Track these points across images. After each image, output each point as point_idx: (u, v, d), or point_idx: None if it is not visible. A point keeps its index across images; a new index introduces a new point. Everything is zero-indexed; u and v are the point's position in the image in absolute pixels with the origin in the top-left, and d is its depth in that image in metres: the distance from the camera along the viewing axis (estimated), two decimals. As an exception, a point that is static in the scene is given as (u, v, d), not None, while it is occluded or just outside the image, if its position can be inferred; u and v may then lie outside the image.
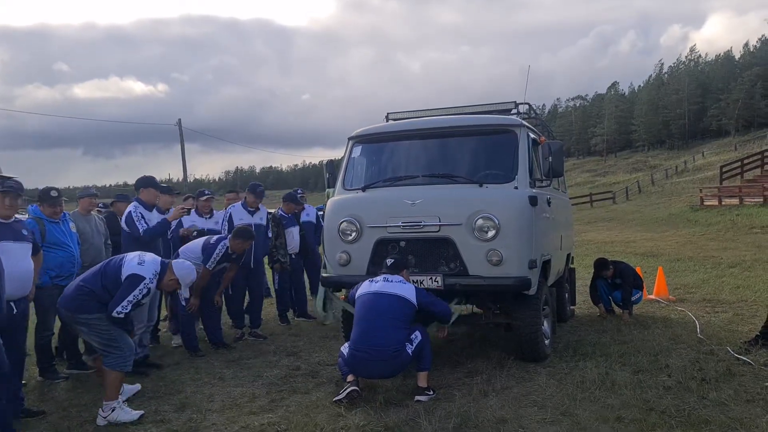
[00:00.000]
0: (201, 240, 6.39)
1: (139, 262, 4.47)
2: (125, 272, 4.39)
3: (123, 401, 4.41)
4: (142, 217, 5.76)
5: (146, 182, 5.97)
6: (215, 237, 6.41)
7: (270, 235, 7.51)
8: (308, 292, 8.52)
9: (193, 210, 7.17)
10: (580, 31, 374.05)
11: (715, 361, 5.27)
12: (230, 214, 7.17)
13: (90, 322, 4.33)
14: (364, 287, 4.87)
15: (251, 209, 7.25)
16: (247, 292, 7.25)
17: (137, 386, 4.97)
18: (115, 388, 4.37)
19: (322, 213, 7.45)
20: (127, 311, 4.33)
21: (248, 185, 7.48)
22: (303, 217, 8.34)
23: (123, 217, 5.92)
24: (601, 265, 7.66)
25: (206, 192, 7.51)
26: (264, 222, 7.31)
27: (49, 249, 5.32)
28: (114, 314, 4.28)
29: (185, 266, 4.74)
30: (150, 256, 4.58)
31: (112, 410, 4.30)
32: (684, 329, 6.62)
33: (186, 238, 6.73)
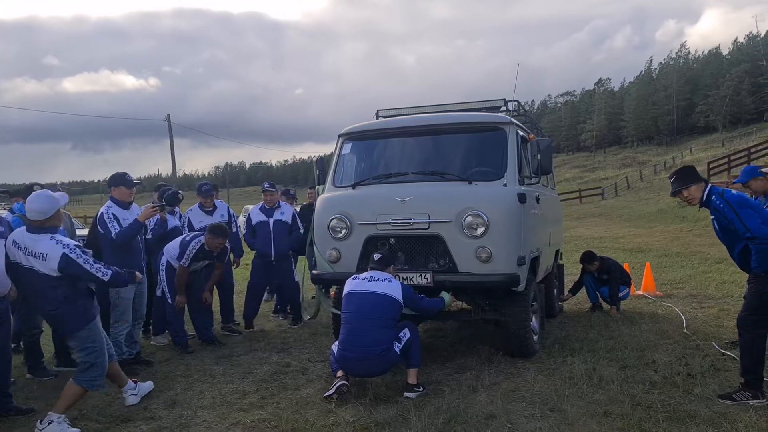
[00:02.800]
0: (181, 237, 6.41)
1: (53, 241, 4.02)
2: (56, 256, 3.95)
3: (66, 419, 4.04)
4: (115, 218, 5.38)
5: (115, 180, 5.59)
6: (192, 234, 6.40)
7: (234, 230, 7.45)
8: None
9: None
10: (576, 26, 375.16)
11: (700, 357, 5.35)
12: (188, 219, 7.11)
13: (81, 335, 4.12)
14: (349, 285, 4.86)
15: (208, 209, 7.21)
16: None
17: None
18: (69, 403, 4.10)
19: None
20: (77, 248, 4.03)
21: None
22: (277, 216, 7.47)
23: (97, 218, 5.58)
24: (587, 258, 7.73)
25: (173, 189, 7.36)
26: (226, 219, 7.24)
27: None
28: (70, 254, 3.95)
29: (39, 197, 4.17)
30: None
31: (50, 423, 3.94)
32: (670, 325, 6.70)
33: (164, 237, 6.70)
